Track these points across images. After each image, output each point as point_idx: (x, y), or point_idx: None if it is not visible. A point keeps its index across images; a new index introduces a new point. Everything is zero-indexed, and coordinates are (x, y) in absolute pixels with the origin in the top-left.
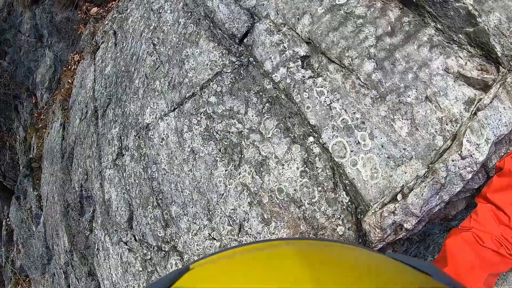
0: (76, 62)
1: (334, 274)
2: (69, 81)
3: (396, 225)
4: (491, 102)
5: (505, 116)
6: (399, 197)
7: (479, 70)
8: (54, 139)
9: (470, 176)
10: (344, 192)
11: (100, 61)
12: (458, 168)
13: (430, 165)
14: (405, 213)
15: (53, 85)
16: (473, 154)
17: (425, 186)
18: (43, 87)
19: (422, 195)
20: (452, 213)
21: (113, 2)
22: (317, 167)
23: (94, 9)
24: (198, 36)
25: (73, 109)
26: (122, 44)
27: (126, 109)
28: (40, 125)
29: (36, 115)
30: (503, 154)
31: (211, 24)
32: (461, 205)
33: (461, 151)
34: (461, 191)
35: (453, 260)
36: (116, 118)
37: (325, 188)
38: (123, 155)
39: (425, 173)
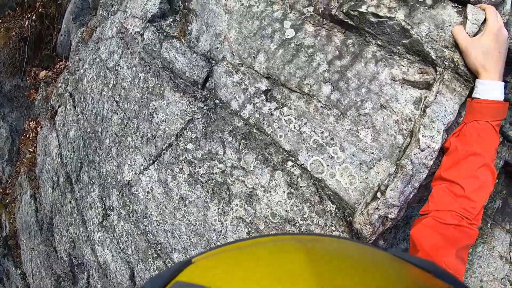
0: (34, 130)
1: (339, 270)
2: (30, 150)
3: (382, 217)
4: (435, 98)
5: (449, 106)
6: (378, 194)
7: (420, 73)
8: (27, 212)
9: (431, 162)
10: (330, 202)
11: (61, 125)
12: (421, 159)
13: (397, 162)
14: (387, 206)
15: (14, 156)
16: (430, 145)
17: (397, 180)
18: (3, 160)
19: (397, 188)
20: (426, 194)
21: (60, 63)
22: (301, 187)
23: (43, 73)
24: (161, 88)
25: (41, 178)
26: (82, 106)
27: (101, 170)
28: (8, 200)
29: (1, 190)
30: None
31: (172, 75)
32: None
33: (419, 145)
34: (428, 175)
35: (421, 247)
36: (93, 181)
37: (313, 203)
38: (109, 215)
39: (395, 170)
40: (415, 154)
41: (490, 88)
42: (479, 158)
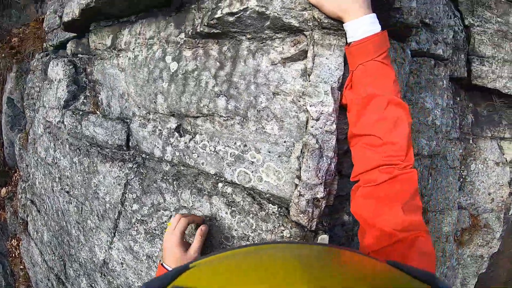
0: (16, 247)
1: (336, 281)
2: (21, 267)
3: (311, 201)
4: (313, 62)
5: (332, 63)
6: (296, 181)
7: (293, 46)
8: None
9: (334, 126)
10: (270, 205)
11: (35, 233)
12: (321, 128)
13: (303, 141)
14: (309, 188)
15: (10, 280)
16: (322, 111)
17: (307, 159)
18: (2, 286)
19: (309, 167)
20: None
21: (15, 175)
22: (238, 202)
23: (3, 191)
24: (94, 165)
25: None
26: (44, 208)
27: (80, 259)
28: None
29: None
30: None
31: (99, 148)
32: None
33: (312, 116)
34: (341, 139)
35: (365, 223)
36: (78, 272)
37: (255, 212)
38: None
39: (301, 149)
40: (312, 127)
41: (359, 27)
42: (380, 99)
